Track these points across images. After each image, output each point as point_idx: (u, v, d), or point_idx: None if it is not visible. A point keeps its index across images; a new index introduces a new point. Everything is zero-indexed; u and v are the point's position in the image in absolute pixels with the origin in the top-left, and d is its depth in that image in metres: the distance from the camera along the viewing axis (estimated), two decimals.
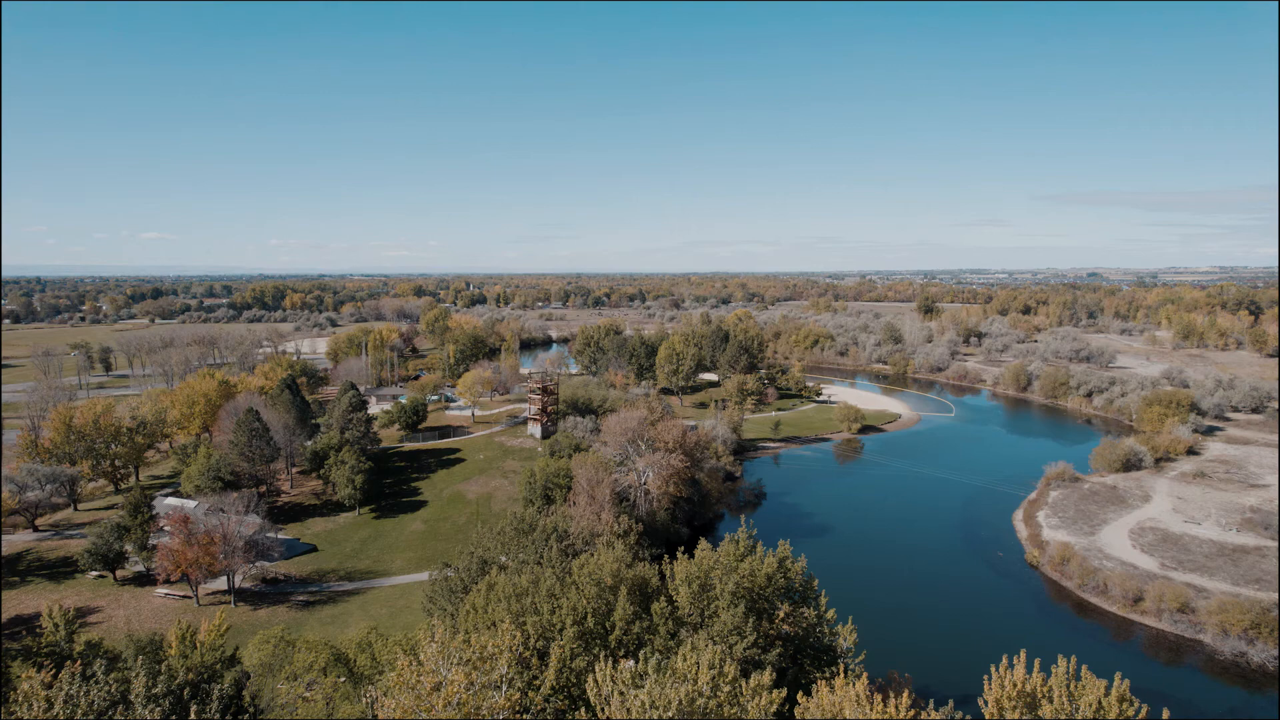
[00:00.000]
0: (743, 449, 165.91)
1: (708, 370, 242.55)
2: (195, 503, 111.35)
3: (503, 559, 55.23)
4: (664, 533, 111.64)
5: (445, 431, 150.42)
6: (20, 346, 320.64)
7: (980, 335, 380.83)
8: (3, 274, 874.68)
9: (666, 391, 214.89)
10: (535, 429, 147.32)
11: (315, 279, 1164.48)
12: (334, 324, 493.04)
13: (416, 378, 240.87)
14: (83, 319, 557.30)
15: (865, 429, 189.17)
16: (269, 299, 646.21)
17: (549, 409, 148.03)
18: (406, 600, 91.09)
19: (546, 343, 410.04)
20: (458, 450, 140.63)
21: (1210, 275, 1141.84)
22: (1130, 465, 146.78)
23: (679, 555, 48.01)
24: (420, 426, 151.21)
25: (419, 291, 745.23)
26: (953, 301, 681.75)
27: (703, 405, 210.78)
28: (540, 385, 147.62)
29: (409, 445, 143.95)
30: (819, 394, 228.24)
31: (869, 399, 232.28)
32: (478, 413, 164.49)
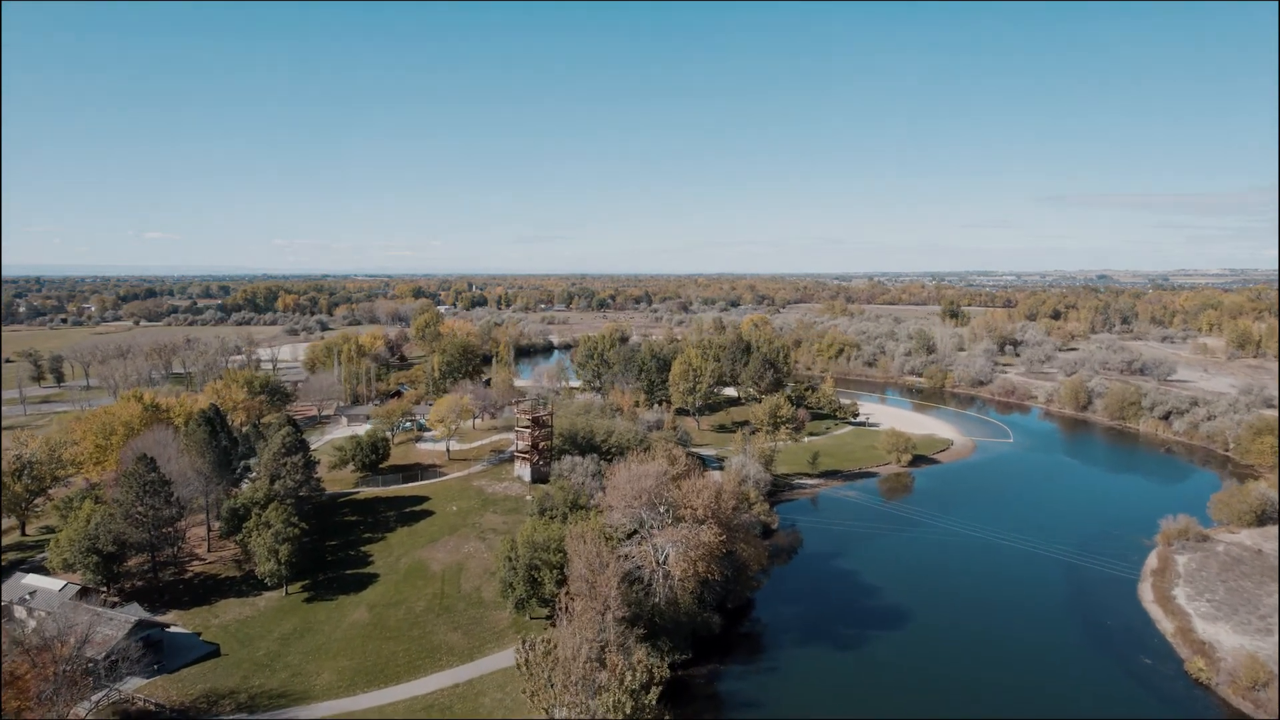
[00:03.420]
0: (775, 489, 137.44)
1: (726, 384, 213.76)
2: (61, 584, 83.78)
3: None
4: (689, 623, 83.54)
5: (412, 473, 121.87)
6: None
7: (1016, 343, 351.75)
8: (2, 273, 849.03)
9: (681, 412, 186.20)
10: (524, 469, 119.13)
11: (318, 279, 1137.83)
12: (324, 327, 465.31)
13: (398, 393, 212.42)
14: (64, 321, 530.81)
15: (915, 459, 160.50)
16: (261, 300, 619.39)
17: (541, 445, 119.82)
18: None
19: (547, 349, 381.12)
20: (426, 499, 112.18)
21: (1221, 278, 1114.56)
22: (1265, 518, 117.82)
23: None
24: (382, 466, 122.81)
25: (418, 293, 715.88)
26: (971, 304, 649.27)
27: (723, 428, 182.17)
28: (531, 416, 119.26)
29: (366, 491, 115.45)
30: (856, 414, 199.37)
31: (908, 419, 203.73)
32: (456, 445, 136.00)
